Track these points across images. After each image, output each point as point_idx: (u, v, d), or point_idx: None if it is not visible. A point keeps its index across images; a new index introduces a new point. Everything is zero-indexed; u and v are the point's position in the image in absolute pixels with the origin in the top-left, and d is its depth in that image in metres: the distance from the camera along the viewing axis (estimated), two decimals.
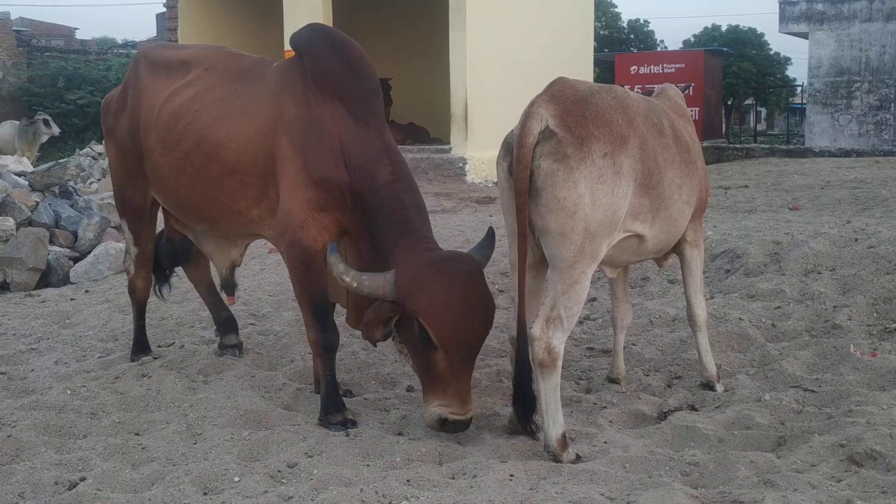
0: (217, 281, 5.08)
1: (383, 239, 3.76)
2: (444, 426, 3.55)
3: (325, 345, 3.96)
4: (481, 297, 3.55)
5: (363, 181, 3.82)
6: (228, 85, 4.34)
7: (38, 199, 8.67)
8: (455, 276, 3.52)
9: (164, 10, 20.67)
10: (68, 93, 28.01)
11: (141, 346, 5.13)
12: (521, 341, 3.49)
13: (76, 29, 45.66)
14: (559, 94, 3.47)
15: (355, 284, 3.59)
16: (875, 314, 5.00)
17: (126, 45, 42.35)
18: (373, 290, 3.55)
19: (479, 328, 3.55)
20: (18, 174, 9.44)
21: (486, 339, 3.62)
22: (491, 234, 3.93)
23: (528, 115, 3.39)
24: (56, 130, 18.38)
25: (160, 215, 5.07)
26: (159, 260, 5.20)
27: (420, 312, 3.45)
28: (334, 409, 3.92)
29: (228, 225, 4.43)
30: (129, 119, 4.75)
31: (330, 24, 15.52)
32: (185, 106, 4.38)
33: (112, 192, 9.73)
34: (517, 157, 3.34)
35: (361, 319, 3.74)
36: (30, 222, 8.24)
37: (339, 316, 4.36)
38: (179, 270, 8.25)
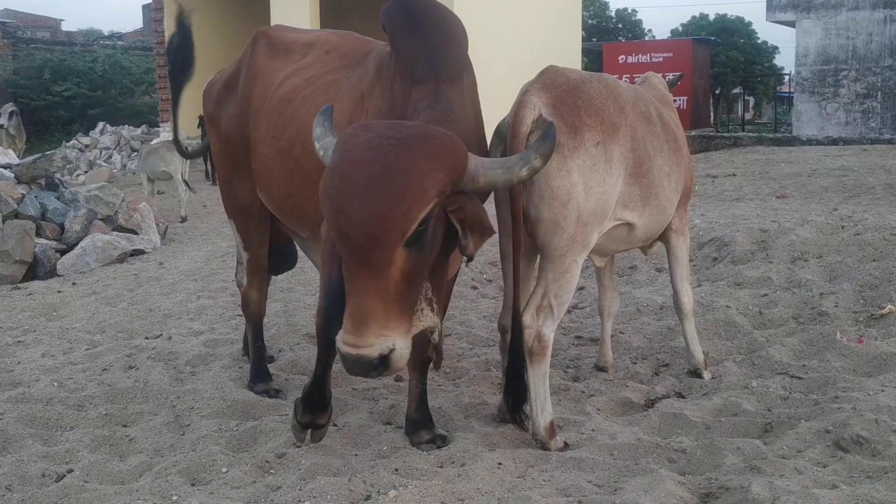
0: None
1: None
2: (342, 361, 2.67)
3: (326, 333, 3.47)
4: (370, 159, 2.55)
5: None
6: (342, 71, 3.79)
7: (24, 192, 8.61)
8: (352, 141, 2.65)
9: (151, 1, 20.55)
10: (54, 84, 27.94)
11: (261, 374, 4.34)
12: (516, 331, 3.49)
13: (62, 21, 45.50)
14: (551, 82, 3.45)
15: (318, 148, 2.96)
16: (861, 301, 5.02)
17: (112, 36, 42.20)
18: (324, 158, 2.90)
19: (340, 206, 2.55)
20: (4, 166, 9.37)
21: (379, 235, 2.52)
22: (548, 132, 2.90)
23: (520, 104, 3.37)
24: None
25: None
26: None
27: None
28: (308, 409, 3.40)
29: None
30: (237, 104, 4.22)
31: (317, 16, 15.49)
32: (296, 90, 3.85)
33: (99, 185, 9.73)
34: (510, 146, 3.32)
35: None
36: (16, 215, 8.20)
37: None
38: (168, 262, 8.25)
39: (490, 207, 3.10)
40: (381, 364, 2.60)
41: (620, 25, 41.34)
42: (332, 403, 3.49)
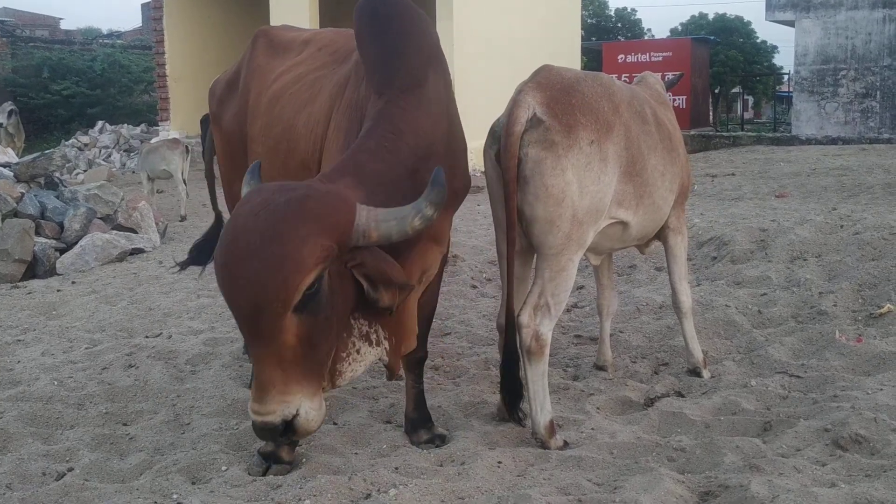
0: None
1: None
2: (252, 428, 2.72)
3: None
4: (249, 228, 2.51)
5: None
6: (329, 67, 3.75)
7: (24, 191, 8.61)
8: (241, 209, 2.61)
9: (150, 0, 20.56)
10: (53, 83, 27.87)
11: None
12: (510, 329, 3.50)
13: (60, 19, 45.49)
14: (546, 81, 3.46)
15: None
16: (860, 300, 5.03)
17: (111, 35, 42.18)
18: None
19: (225, 277, 2.54)
20: (3, 165, 9.37)
21: (260, 307, 2.51)
22: (436, 178, 2.81)
23: (515, 104, 3.38)
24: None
25: None
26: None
27: None
28: None
29: None
30: (237, 103, 4.22)
31: (316, 16, 15.48)
32: (285, 87, 3.84)
33: (98, 184, 9.73)
34: (505, 145, 3.33)
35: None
36: (15, 213, 8.19)
37: None
38: (168, 260, 8.24)
39: (485, 205, 3.10)
40: (288, 429, 2.62)
41: (620, 25, 41.35)
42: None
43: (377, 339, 2.92)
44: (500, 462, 3.26)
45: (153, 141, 15.78)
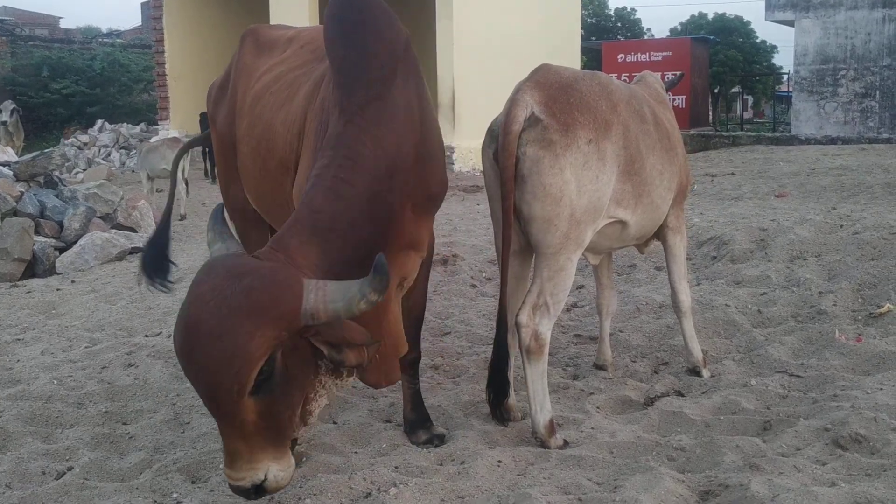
0: None
1: None
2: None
3: None
4: (199, 321, 2.50)
5: None
6: (310, 65, 3.66)
7: (23, 189, 8.61)
8: (194, 292, 2.60)
9: None
10: (52, 82, 27.90)
11: None
12: (501, 327, 3.50)
13: (60, 18, 45.47)
14: (544, 80, 3.46)
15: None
16: (860, 300, 5.03)
17: (111, 34, 42.17)
18: None
19: (182, 364, 2.57)
20: (3, 164, 9.37)
21: (215, 397, 2.52)
22: (377, 265, 2.56)
23: (513, 103, 3.39)
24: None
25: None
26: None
27: None
28: None
29: None
30: (228, 104, 4.19)
31: (316, 15, 15.47)
32: (266, 87, 3.79)
33: (98, 183, 9.73)
34: (503, 144, 3.34)
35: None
36: (15, 212, 8.19)
37: None
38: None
39: (484, 204, 3.09)
40: (259, 490, 2.65)
41: (619, 24, 41.39)
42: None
43: (348, 370, 2.85)
44: (500, 461, 3.26)
45: (153, 140, 15.78)
